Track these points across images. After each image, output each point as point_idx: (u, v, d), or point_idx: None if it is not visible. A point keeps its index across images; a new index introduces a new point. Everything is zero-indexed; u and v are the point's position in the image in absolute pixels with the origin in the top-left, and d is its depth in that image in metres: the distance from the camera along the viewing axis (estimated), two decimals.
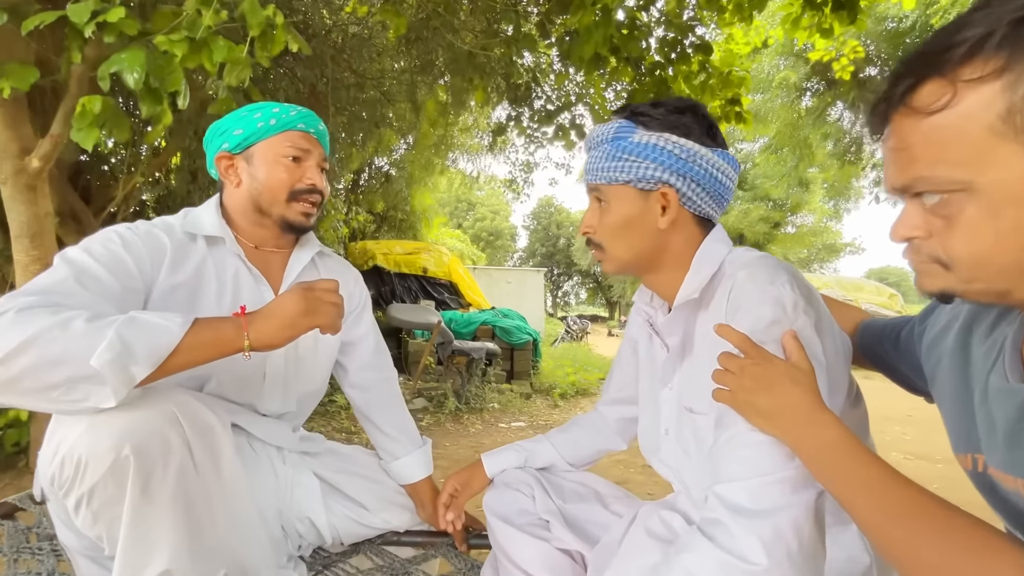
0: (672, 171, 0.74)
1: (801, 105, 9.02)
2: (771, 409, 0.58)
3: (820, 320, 0.68)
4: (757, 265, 0.71)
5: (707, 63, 3.29)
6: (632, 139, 0.76)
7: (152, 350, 0.64)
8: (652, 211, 0.76)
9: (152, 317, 0.67)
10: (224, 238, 0.94)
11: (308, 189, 0.96)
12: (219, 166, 0.96)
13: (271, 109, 0.94)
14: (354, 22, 4.21)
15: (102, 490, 0.65)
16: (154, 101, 1.98)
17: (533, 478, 0.99)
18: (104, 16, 1.87)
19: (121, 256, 0.81)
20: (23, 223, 2.26)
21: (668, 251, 0.79)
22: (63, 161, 2.96)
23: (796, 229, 17.86)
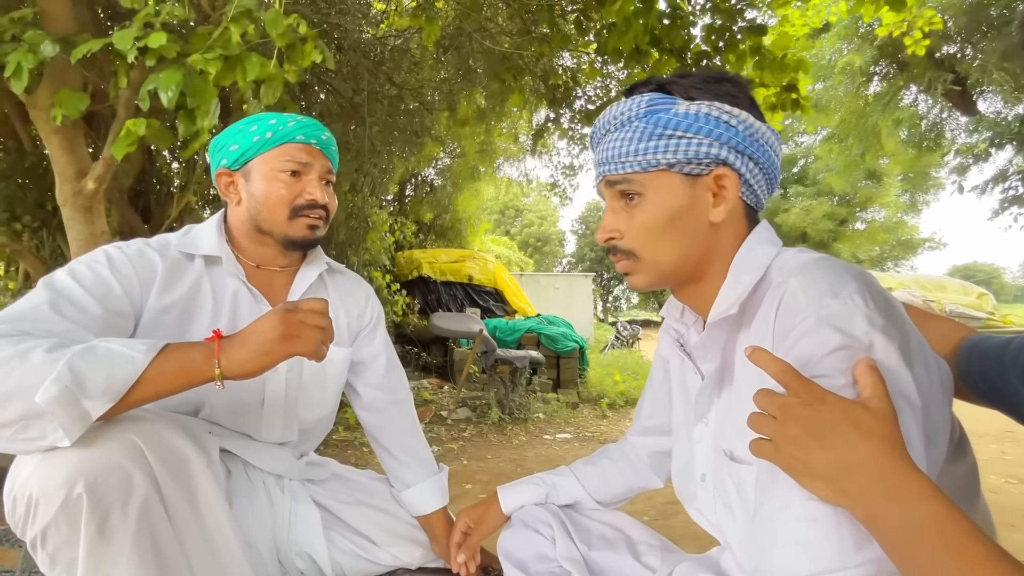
0: (730, 147, 0.60)
1: (868, 91, 8.35)
2: (829, 469, 0.42)
3: (907, 343, 0.50)
4: (814, 270, 0.54)
5: (759, 47, 3.04)
6: (675, 110, 0.60)
7: (109, 383, 0.59)
8: (702, 201, 0.61)
9: (115, 345, 0.62)
10: (222, 257, 0.89)
11: (309, 204, 0.90)
12: (220, 184, 0.92)
13: (268, 121, 0.89)
14: (393, 34, 4.25)
15: (55, 532, 0.60)
16: (190, 120, 2.03)
17: (555, 517, 0.87)
18: (145, 41, 1.93)
19: (106, 278, 0.77)
20: (81, 242, 2.38)
21: (716, 253, 0.63)
22: (121, 182, 3.12)
23: (866, 225, 16.61)
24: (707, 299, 0.65)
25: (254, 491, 0.91)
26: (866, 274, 0.55)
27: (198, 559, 0.68)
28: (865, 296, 0.50)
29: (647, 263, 0.64)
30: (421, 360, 6.23)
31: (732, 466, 0.61)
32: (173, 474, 0.65)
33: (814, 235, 15.82)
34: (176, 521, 0.66)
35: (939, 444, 0.51)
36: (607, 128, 0.65)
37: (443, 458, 3.53)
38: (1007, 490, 3.00)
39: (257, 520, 0.89)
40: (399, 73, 4.22)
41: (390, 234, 6.03)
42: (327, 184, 0.94)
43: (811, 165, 16.62)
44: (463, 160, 6.87)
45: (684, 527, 2.46)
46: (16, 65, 1.95)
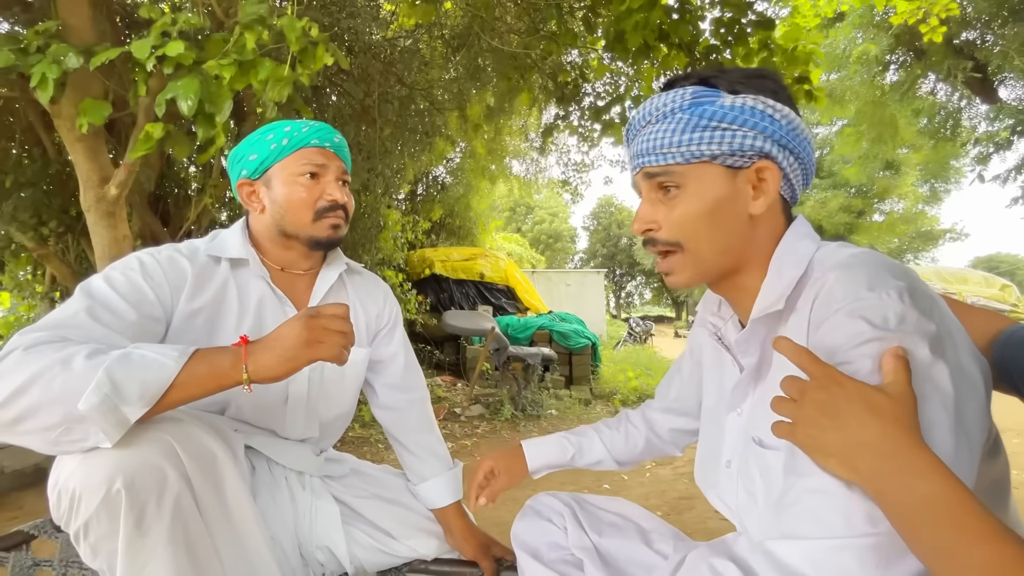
0: (773, 140, 0.60)
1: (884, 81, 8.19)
2: (841, 448, 0.44)
3: (945, 338, 0.50)
4: (855, 265, 0.54)
5: (768, 40, 3.02)
6: (721, 102, 0.60)
7: (145, 389, 0.62)
8: (743, 194, 0.61)
9: (149, 352, 0.65)
10: (248, 259, 0.93)
11: (330, 206, 0.93)
12: (241, 194, 0.95)
13: (283, 128, 0.92)
14: (403, 35, 4.29)
15: (96, 525, 0.64)
16: (208, 125, 2.08)
17: (566, 507, 0.90)
18: (163, 50, 1.99)
19: (139, 284, 0.81)
20: (104, 246, 2.46)
21: (754, 246, 0.63)
22: (142, 187, 3.21)
23: (884, 217, 16.31)
24: (744, 292, 0.66)
25: (277, 487, 0.95)
26: (909, 272, 0.55)
27: (226, 550, 0.72)
28: (903, 293, 0.50)
29: (692, 257, 0.64)
30: (434, 358, 6.29)
31: (759, 452, 0.62)
32: (203, 471, 0.69)
33: (830, 228, 15.57)
34: (206, 514, 0.70)
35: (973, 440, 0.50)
36: (647, 120, 0.65)
37: (457, 454, 3.57)
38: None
39: (279, 514, 0.93)
40: (409, 74, 4.26)
41: (402, 233, 6.09)
42: (343, 184, 0.97)
43: (826, 157, 16.35)
44: (473, 159, 6.90)
45: (697, 522, 2.46)
46: (41, 76, 2.02)
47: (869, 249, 0.59)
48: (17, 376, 0.60)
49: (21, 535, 1.09)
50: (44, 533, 1.11)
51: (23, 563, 1.01)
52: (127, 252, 2.57)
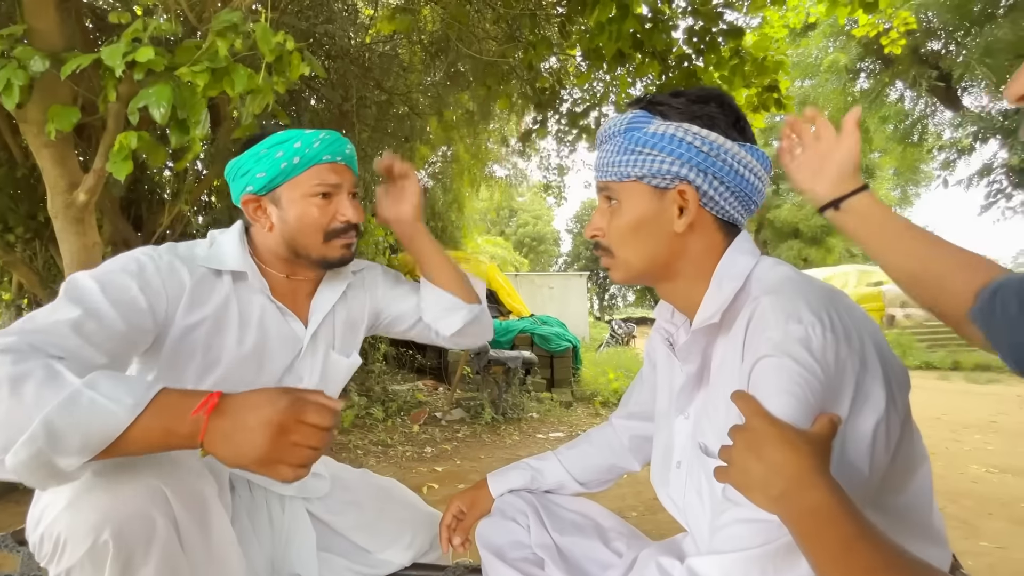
0: (691, 166, 0.65)
1: (855, 88, 8.43)
2: (761, 478, 0.49)
3: (864, 366, 0.55)
4: (784, 292, 0.60)
5: (739, 49, 3.11)
6: (647, 130, 0.67)
7: (86, 441, 0.56)
8: (668, 212, 0.67)
9: (102, 395, 0.58)
10: (247, 273, 0.90)
11: (344, 227, 0.91)
12: (247, 210, 0.92)
13: (292, 145, 0.87)
14: (381, 40, 4.29)
15: (79, 572, 0.63)
16: (182, 132, 2.07)
17: (530, 506, 0.92)
18: (133, 55, 1.97)
19: (133, 294, 0.77)
20: (73, 253, 2.42)
21: (685, 259, 0.69)
22: (112, 192, 3.16)
23: None
24: (687, 299, 0.72)
25: (257, 509, 0.94)
26: (834, 295, 0.60)
27: None
28: (825, 322, 0.55)
29: (620, 261, 0.72)
30: (416, 362, 6.27)
31: (704, 459, 0.67)
32: (191, 513, 0.68)
33: (806, 231, 15.93)
34: (190, 555, 0.69)
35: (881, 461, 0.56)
36: (601, 139, 0.73)
37: (437, 459, 3.57)
38: (987, 479, 3.07)
39: (256, 538, 0.92)
40: (388, 79, 4.26)
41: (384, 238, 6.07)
42: (354, 197, 0.94)
43: None
44: (455, 163, 6.91)
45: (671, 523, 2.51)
46: (6, 81, 1.99)
47: (798, 273, 0.65)
48: None
49: None
50: (4, 547, 1.10)
51: None
52: (97, 260, 2.52)
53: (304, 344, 0.96)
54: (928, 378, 8.03)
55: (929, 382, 7.54)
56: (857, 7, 2.88)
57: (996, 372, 7.27)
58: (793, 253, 16.01)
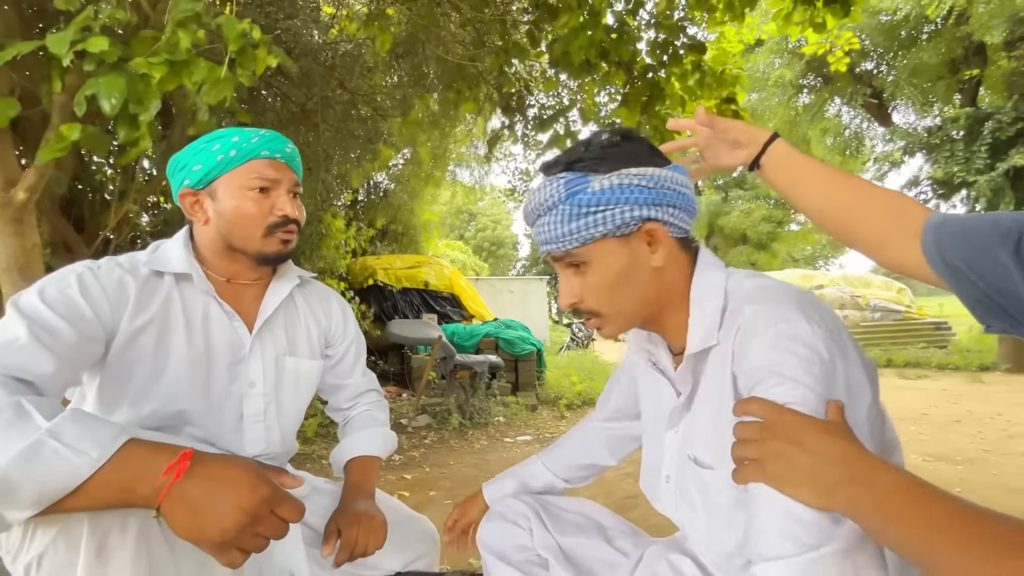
0: (647, 204, 0.67)
1: (798, 102, 8.96)
2: (812, 471, 0.48)
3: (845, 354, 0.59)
4: (765, 299, 0.62)
5: (700, 63, 3.24)
6: (591, 188, 0.66)
7: (41, 496, 0.54)
8: (641, 252, 0.69)
9: (65, 447, 0.55)
10: (192, 274, 0.89)
11: (282, 221, 0.90)
12: (184, 204, 0.91)
13: (230, 138, 0.88)
14: (344, 40, 4.20)
15: (52, 555, 0.59)
16: (131, 126, 1.95)
17: (531, 509, 0.93)
18: (84, 45, 1.85)
19: (77, 303, 0.76)
20: (11, 256, 2.23)
21: (666, 289, 0.71)
22: (53, 191, 2.93)
23: (800, 227, 17.76)
24: (672, 328, 0.73)
25: None
26: (806, 297, 0.63)
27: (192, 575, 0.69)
28: (810, 317, 0.59)
29: (613, 317, 0.71)
30: (378, 368, 6.14)
31: (696, 469, 0.68)
32: None
33: (753, 236, 16.75)
34: (170, 541, 0.65)
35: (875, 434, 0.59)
36: (538, 212, 0.71)
37: (406, 467, 3.51)
38: (923, 467, 3.32)
39: None
40: (351, 79, 4.17)
41: (346, 242, 5.92)
42: (295, 196, 0.94)
43: None
44: (417, 165, 6.84)
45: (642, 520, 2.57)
46: None
47: (770, 279, 0.68)
48: None
49: None
50: None
51: None
52: (38, 262, 2.34)
53: (247, 348, 0.94)
54: None
55: None
56: (807, 27, 3.07)
57: (924, 368, 7.88)
58: (742, 259, 16.80)
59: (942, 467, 3.32)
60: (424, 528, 1.11)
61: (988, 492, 2.65)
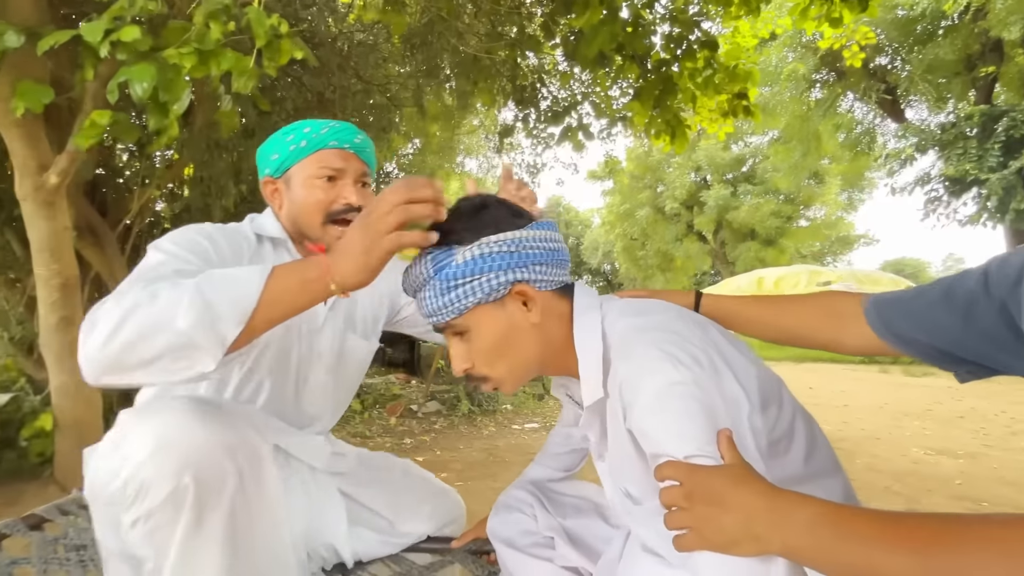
0: (512, 268, 0.69)
1: (810, 97, 8.90)
2: (740, 527, 0.49)
3: (716, 370, 0.61)
4: (633, 351, 0.65)
5: (713, 58, 3.26)
6: (455, 262, 0.69)
7: (235, 304, 0.63)
8: (517, 313, 0.71)
9: (230, 271, 0.67)
10: (285, 240, 0.97)
11: (344, 209, 0.93)
12: (265, 191, 0.98)
13: (302, 130, 0.93)
14: (359, 29, 4.24)
15: (159, 514, 0.67)
16: (161, 114, 2.01)
17: (532, 496, 0.99)
18: (118, 35, 1.91)
19: (205, 247, 0.84)
20: (43, 238, 2.31)
21: (550, 339, 0.73)
22: (80, 176, 3.01)
23: (809, 223, 17.64)
24: (568, 369, 0.75)
25: (292, 484, 0.97)
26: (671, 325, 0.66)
27: (260, 544, 0.76)
28: (673, 357, 0.60)
29: (503, 378, 0.73)
30: (386, 355, 6.24)
31: (627, 502, 0.74)
32: (253, 470, 0.73)
33: (762, 232, 16.65)
34: (250, 512, 0.73)
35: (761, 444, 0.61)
36: (414, 288, 0.74)
37: (416, 450, 3.60)
38: (926, 460, 3.37)
39: (293, 511, 0.95)
40: (366, 68, 4.22)
41: None
42: (363, 186, 0.97)
43: (759, 165, 17.48)
44: (428, 155, 6.88)
45: None
46: None
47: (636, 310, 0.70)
48: (110, 319, 0.62)
49: None
50: (16, 531, 1.08)
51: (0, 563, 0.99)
52: (67, 245, 2.42)
53: (321, 320, 0.99)
54: (870, 371, 8.62)
55: (871, 375, 8.11)
56: (824, 22, 3.08)
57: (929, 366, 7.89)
58: (751, 255, 16.70)
59: (944, 461, 3.37)
60: (453, 499, 1.19)
61: (987, 486, 2.71)
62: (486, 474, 3.01)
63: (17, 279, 3.12)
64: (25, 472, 2.52)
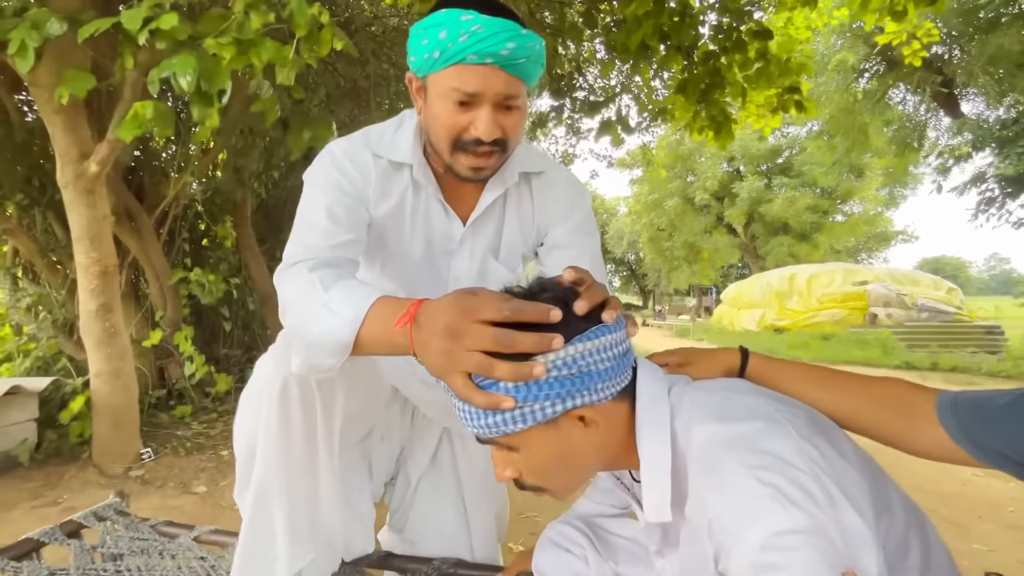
0: (572, 395, 0.57)
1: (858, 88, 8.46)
2: None
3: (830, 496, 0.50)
4: (720, 469, 0.53)
5: (765, 50, 3.08)
6: (503, 385, 0.56)
7: (330, 351, 0.71)
8: (574, 429, 0.60)
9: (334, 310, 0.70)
10: (414, 165, 0.87)
11: (473, 142, 0.77)
12: (411, 88, 0.84)
13: (438, 34, 0.72)
14: (394, 14, 4.16)
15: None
16: (204, 104, 1.99)
17: (583, 536, 0.93)
18: (156, 23, 1.88)
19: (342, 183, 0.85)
20: (83, 226, 2.33)
21: (614, 442, 0.63)
22: (119, 162, 3.04)
23: (846, 218, 17.00)
24: (628, 465, 0.66)
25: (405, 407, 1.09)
26: (768, 449, 0.53)
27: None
28: (785, 500, 0.49)
29: (558, 489, 0.65)
30: None
31: None
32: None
33: (796, 226, 16.13)
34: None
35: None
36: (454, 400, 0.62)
37: None
38: (975, 482, 3.20)
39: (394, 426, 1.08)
40: (400, 55, 4.14)
41: None
42: (508, 110, 0.78)
43: (796, 156, 16.86)
44: None
45: None
46: (20, 43, 1.88)
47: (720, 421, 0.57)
48: (286, 295, 0.77)
49: (30, 543, 1.06)
50: (54, 540, 1.08)
51: (37, 572, 0.98)
52: (107, 233, 2.44)
53: (456, 243, 0.92)
54: (908, 377, 8.27)
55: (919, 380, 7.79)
56: (885, 15, 2.87)
57: (974, 374, 7.54)
58: (783, 249, 16.23)
59: (994, 483, 3.20)
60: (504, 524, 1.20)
61: None
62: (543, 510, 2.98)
63: (59, 262, 3.19)
64: (65, 452, 2.58)
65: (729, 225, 17.77)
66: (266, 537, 0.86)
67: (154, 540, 1.12)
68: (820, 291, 10.62)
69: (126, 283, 3.26)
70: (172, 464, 2.62)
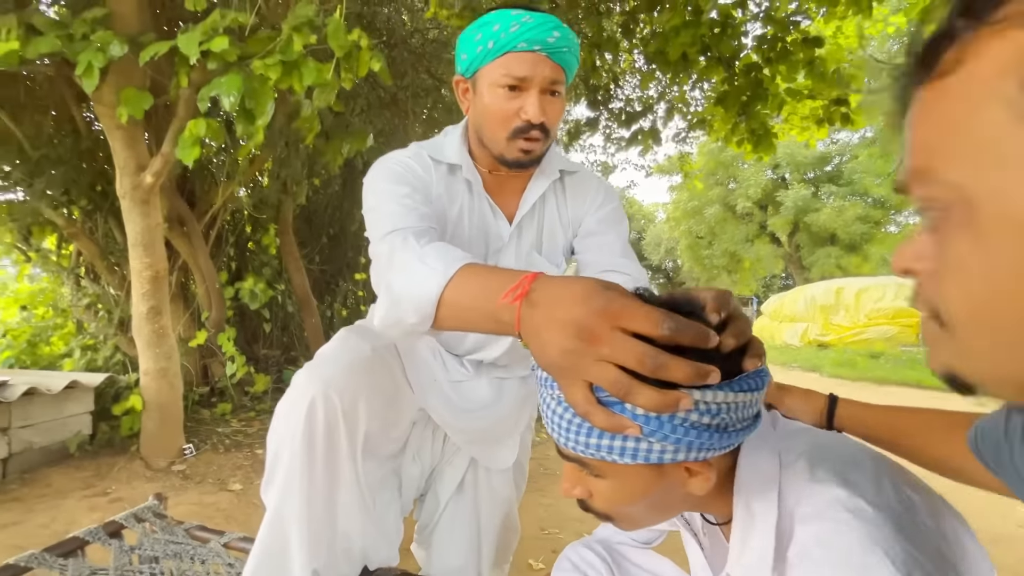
0: (697, 448, 0.49)
1: None
2: None
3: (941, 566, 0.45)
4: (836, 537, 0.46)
5: (814, 59, 2.97)
6: (629, 410, 0.48)
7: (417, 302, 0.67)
8: (676, 478, 0.54)
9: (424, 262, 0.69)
10: (461, 166, 0.92)
11: (525, 126, 0.83)
12: (457, 91, 0.92)
13: (491, 27, 0.82)
14: (434, 26, 4.24)
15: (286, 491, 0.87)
16: (248, 121, 2.08)
17: (602, 561, 0.92)
18: (208, 45, 1.99)
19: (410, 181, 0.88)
20: (138, 233, 2.48)
21: (707, 495, 0.57)
22: (172, 171, 3.22)
23: (900, 229, 16.14)
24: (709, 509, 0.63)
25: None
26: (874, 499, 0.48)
27: None
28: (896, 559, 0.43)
29: (626, 524, 0.60)
30: None
31: None
32: None
33: (844, 237, 15.42)
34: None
35: None
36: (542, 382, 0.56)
37: None
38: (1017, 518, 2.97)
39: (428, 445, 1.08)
40: (439, 66, 4.22)
41: None
42: (553, 95, 0.85)
43: (846, 164, 16.14)
44: None
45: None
46: (87, 64, 2.02)
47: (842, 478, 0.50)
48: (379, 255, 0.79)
49: (76, 541, 1.13)
50: (97, 539, 1.16)
51: (81, 570, 1.05)
52: (159, 240, 2.59)
53: (505, 240, 0.96)
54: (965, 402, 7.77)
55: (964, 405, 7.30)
56: None
57: None
58: (831, 260, 15.54)
59: None
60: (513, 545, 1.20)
61: None
62: (534, 487, 2.98)
63: (117, 264, 3.39)
64: (116, 444, 2.75)
65: (772, 234, 17.17)
66: (281, 543, 0.89)
67: (187, 544, 1.18)
68: (869, 306, 10.11)
69: (176, 285, 3.44)
70: (211, 460, 2.74)
